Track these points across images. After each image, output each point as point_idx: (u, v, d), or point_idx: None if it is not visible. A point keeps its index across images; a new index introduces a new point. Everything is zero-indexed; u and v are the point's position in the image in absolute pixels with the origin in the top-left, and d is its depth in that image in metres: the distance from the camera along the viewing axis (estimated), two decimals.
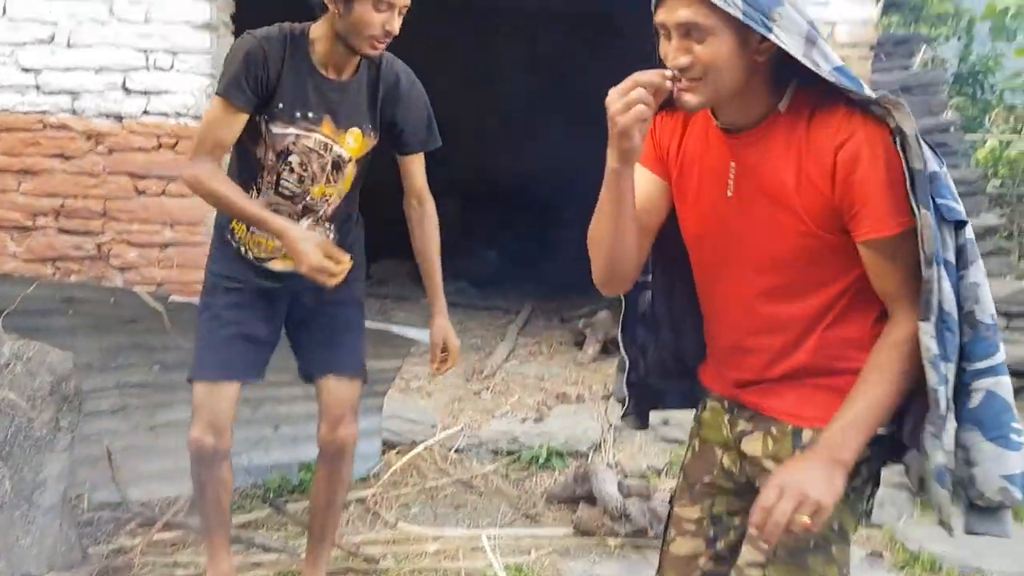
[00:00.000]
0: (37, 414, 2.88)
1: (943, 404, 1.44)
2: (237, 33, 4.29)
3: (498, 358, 4.93)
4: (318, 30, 2.32)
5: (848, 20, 4.01)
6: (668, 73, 1.41)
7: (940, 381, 1.44)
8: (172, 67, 3.88)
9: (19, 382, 2.89)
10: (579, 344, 5.22)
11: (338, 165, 2.42)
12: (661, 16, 1.44)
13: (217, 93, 2.31)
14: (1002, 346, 1.51)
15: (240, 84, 2.25)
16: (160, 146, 3.95)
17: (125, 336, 3.29)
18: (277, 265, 2.48)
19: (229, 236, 2.50)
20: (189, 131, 3.92)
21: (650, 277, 1.78)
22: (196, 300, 3.12)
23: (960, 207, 1.45)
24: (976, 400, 1.49)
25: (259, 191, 2.42)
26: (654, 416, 1.91)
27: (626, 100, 1.37)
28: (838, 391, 1.51)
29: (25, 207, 3.95)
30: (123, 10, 3.85)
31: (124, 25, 3.86)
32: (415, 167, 2.57)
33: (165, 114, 3.92)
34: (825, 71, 1.41)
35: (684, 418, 1.94)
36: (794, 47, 1.40)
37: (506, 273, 7.29)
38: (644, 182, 1.62)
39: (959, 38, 9.49)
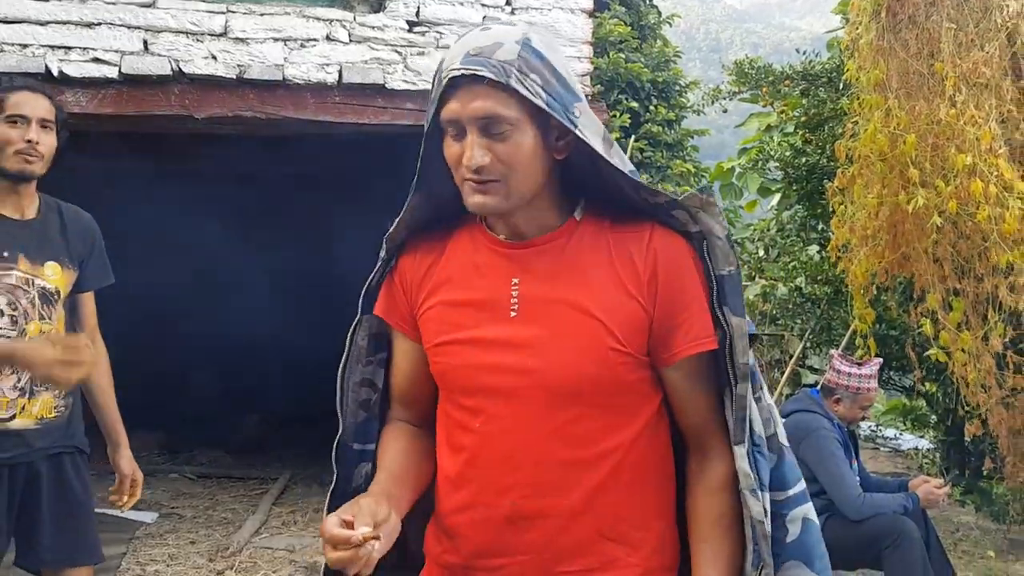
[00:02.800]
0: None
1: (770, 540, 1.31)
2: None
3: (246, 532, 4.70)
4: None
5: None
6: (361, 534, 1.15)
7: (762, 513, 1.29)
8: None
9: None
10: None
11: (47, 299, 2.43)
12: (452, 110, 1.25)
13: None
14: None
15: None
16: None
17: None
18: (17, 423, 2.38)
19: None
20: None
21: (374, 445, 1.45)
22: None
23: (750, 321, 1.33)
24: (795, 531, 1.35)
25: None
26: None
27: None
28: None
29: None
30: None
31: None
32: (90, 303, 2.61)
33: None
34: (627, 170, 1.29)
35: None
36: (596, 144, 1.27)
37: (268, 439, 7.07)
38: (407, 353, 1.42)
39: None
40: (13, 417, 2.38)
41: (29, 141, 2.34)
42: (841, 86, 7.39)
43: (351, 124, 4.22)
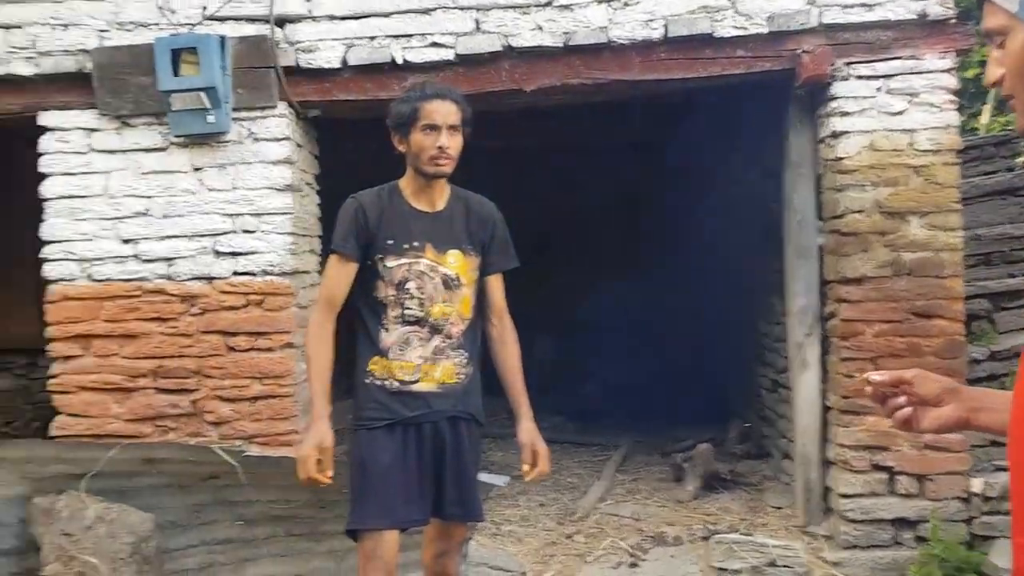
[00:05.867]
0: None
1: None
2: (322, 193, 4.53)
3: (592, 498, 4.75)
4: (404, 178, 2.77)
5: (928, 127, 3.89)
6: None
7: None
8: (257, 229, 4.09)
9: (102, 545, 2.96)
10: (679, 480, 4.99)
11: (448, 284, 2.71)
12: None
13: (331, 250, 2.72)
14: None
15: (346, 237, 2.68)
16: (248, 304, 4.11)
17: (207, 493, 3.35)
18: (422, 386, 2.69)
19: (369, 379, 2.71)
20: (274, 287, 4.08)
21: None
22: (273, 453, 3.16)
23: None
24: None
25: (387, 330, 2.69)
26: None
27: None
28: None
29: (127, 370, 4.15)
30: (212, 180, 4.11)
31: (213, 193, 4.11)
32: (497, 286, 2.87)
33: (252, 273, 4.10)
34: None
35: None
36: None
37: (607, 407, 7.14)
38: None
39: None
40: (417, 380, 2.68)
41: (440, 147, 2.63)
42: None
43: (678, 80, 4.03)
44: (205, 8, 4.11)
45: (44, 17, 4.15)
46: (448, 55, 4.04)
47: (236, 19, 4.12)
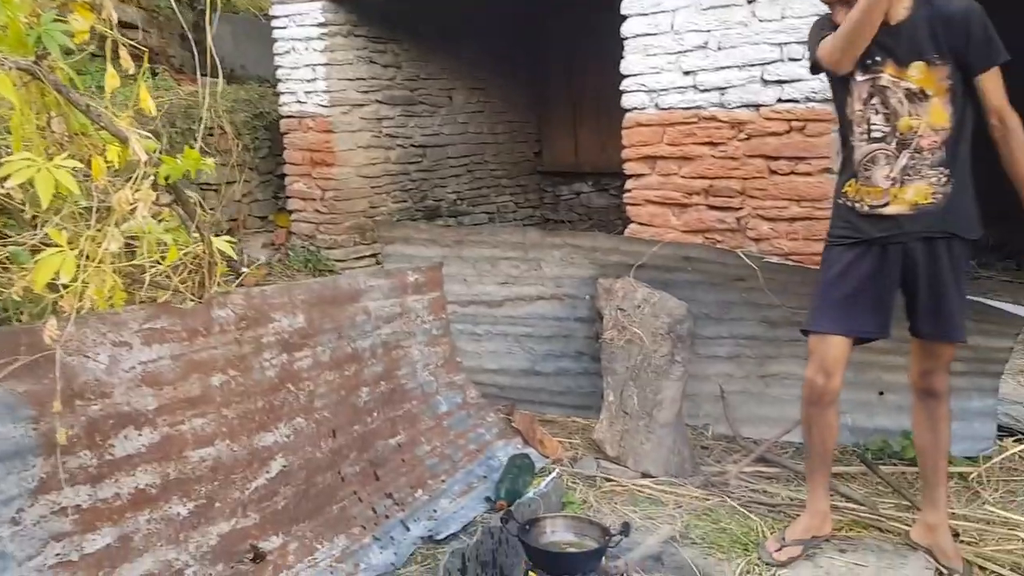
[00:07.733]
0: (656, 347, 3.62)
1: None
2: None
3: None
4: None
5: None
6: None
7: None
8: (802, 56, 4.27)
9: (645, 322, 3.66)
10: None
11: (912, 97, 2.65)
12: None
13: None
14: None
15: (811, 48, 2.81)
16: (791, 130, 4.38)
17: (735, 292, 3.83)
18: (892, 209, 2.70)
19: (842, 200, 2.82)
20: (815, 113, 4.27)
21: None
22: (789, 262, 3.51)
23: None
24: None
25: (853, 148, 2.76)
26: None
27: None
28: None
29: (683, 187, 4.78)
30: (763, 11, 4.37)
31: (763, 24, 4.38)
32: (988, 85, 2.64)
33: (795, 100, 4.33)
34: None
35: None
36: None
37: None
38: None
39: None
40: (887, 204, 2.70)
41: None
42: None
43: None
44: None
45: None
46: None
47: None
